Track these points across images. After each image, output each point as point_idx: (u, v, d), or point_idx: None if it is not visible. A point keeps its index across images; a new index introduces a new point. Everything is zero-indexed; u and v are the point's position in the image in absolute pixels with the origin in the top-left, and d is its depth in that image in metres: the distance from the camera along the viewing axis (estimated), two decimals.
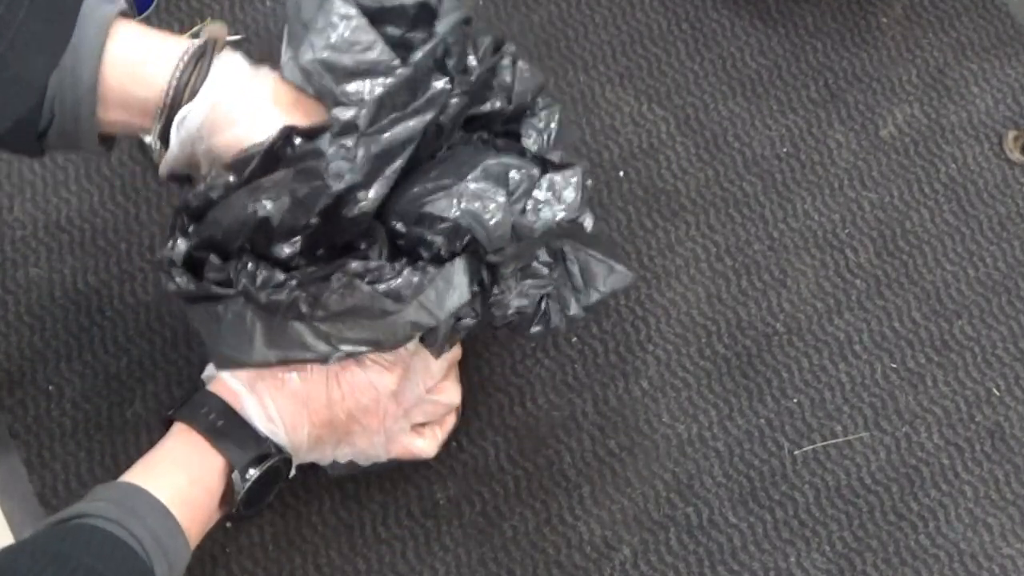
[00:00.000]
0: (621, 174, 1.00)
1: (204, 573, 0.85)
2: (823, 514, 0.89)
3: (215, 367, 0.79)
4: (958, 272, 0.97)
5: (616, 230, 0.97)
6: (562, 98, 1.01)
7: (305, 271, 0.74)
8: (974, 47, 1.05)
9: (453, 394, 0.85)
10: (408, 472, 0.88)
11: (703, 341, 0.94)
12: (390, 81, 0.74)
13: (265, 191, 0.72)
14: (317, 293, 0.73)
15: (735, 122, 1.02)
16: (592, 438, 0.91)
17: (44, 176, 0.98)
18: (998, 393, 0.93)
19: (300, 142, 0.74)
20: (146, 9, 1.03)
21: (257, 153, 0.73)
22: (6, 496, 0.88)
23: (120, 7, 0.75)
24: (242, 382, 0.78)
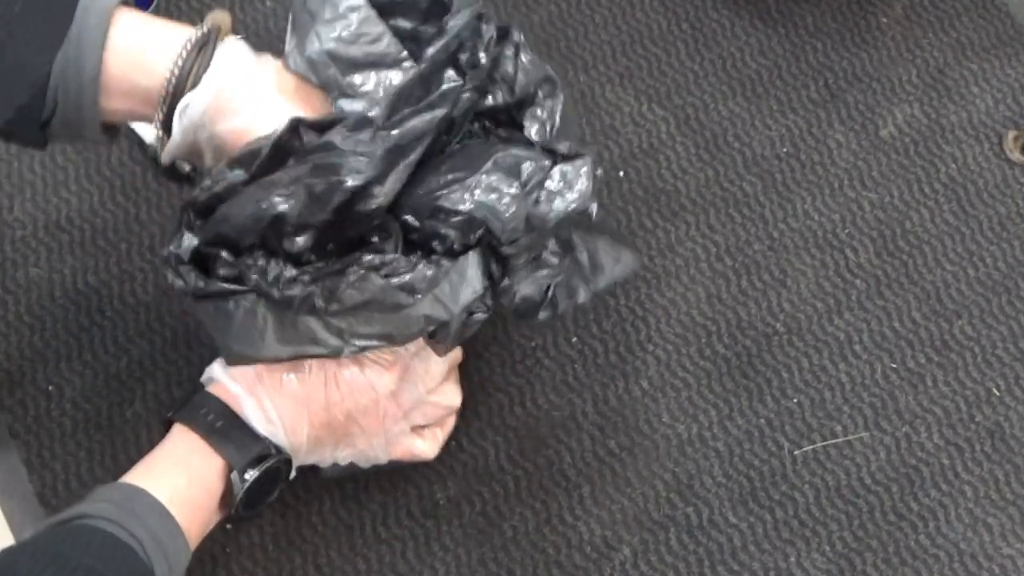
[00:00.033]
0: (621, 174, 0.99)
1: (204, 573, 0.85)
2: (823, 514, 0.89)
3: (224, 362, 0.79)
4: (958, 272, 0.97)
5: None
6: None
7: (317, 266, 0.74)
8: (974, 47, 1.05)
9: (453, 396, 0.85)
10: (408, 472, 0.88)
11: (703, 341, 0.94)
12: (406, 76, 0.74)
13: (280, 187, 0.72)
14: (332, 287, 0.73)
15: (735, 122, 1.02)
16: (592, 438, 0.91)
17: (44, 176, 0.98)
18: (998, 393, 0.93)
19: (310, 135, 0.73)
20: (146, 10, 1.03)
21: (264, 146, 0.73)
22: (6, 496, 0.88)
23: None
24: (241, 384, 0.78)
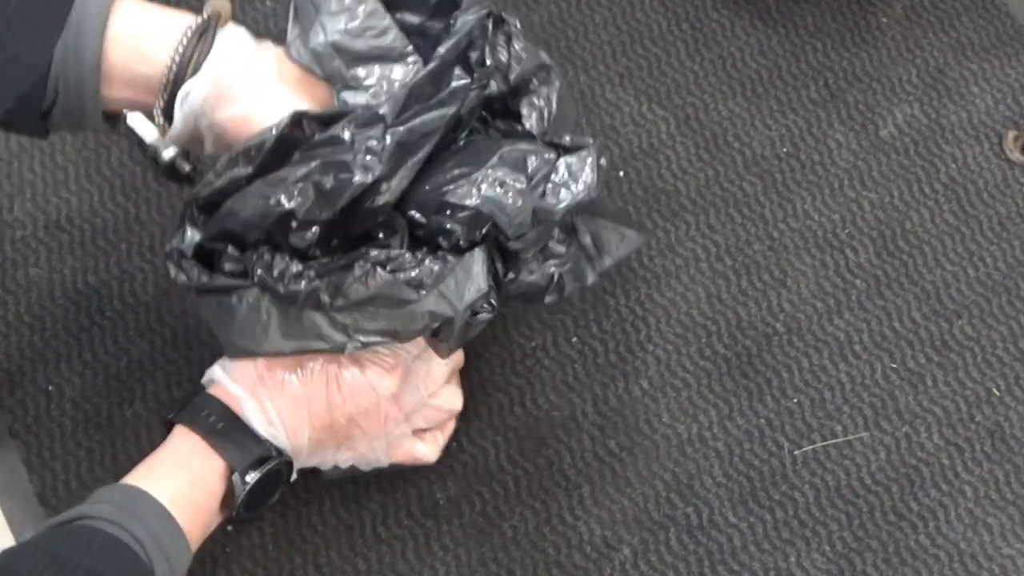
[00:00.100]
0: (621, 174, 0.99)
1: (204, 573, 0.85)
2: (823, 514, 0.89)
3: (225, 364, 0.79)
4: (958, 272, 0.97)
5: None
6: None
7: (322, 261, 0.74)
8: (974, 47, 1.05)
9: (455, 400, 0.85)
10: (408, 472, 0.88)
11: (703, 341, 0.94)
12: (414, 72, 0.74)
13: (289, 184, 0.71)
14: (338, 282, 0.73)
15: (735, 122, 1.02)
16: (592, 438, 0.91)
17: (44, 176, 0.98)
18: (998, 393, 0.93)
19: (314, 128, 0.73)
20: None
21: (268, 139, 0.72)
22: (6, 496, 0.88)
23: None
24: (242, 386, 0.78)
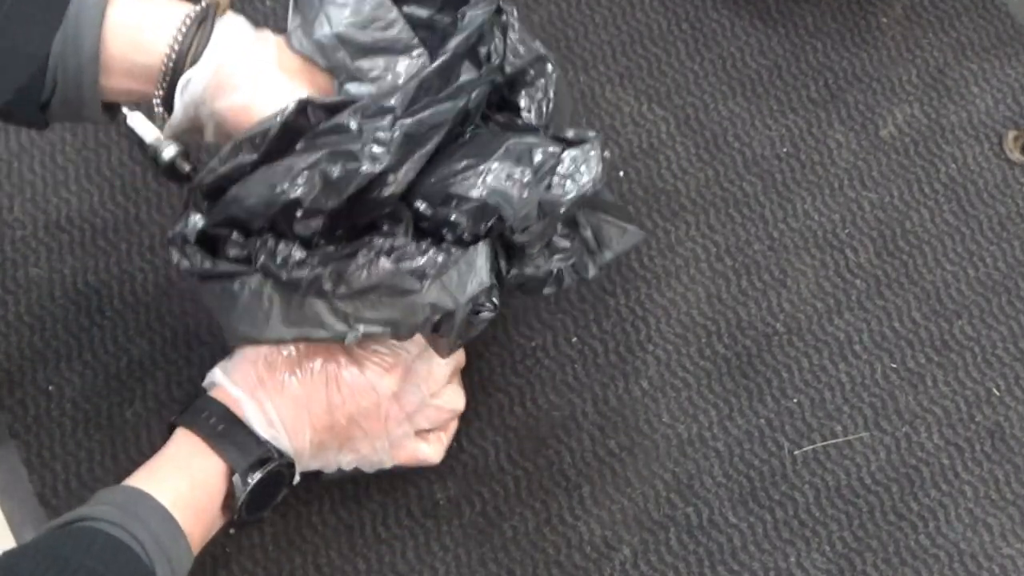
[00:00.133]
0: (621, 174, 0.99)
1: (204, 573, 0.85)
2: (823, 514, 0.89)
3: (228, 343, 0.79)
4: (958, 272, 0.97)
5: None
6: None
7: (326, 249, 0.74)
8: (974, 47, 1.05)
9: (457, 400, 0.85)
10: (408, 472, 0.88)
11: (703, 341, 0.94)
12: (421, 65, 0.74)
13: (296, 171, 0.71)
14: (341, 269, 0.73)
15: (735, 122, 1.02)
16: (592, 438, 0.91)
17: (44, 176, 0.98)
18: (998, 393, 0.93)
19: (319, 116, 0.73)
20: None
21: (273, 126, 0.72)
22: (6, 496, 0.88)
23: None
24: (242, 388, 0.78)
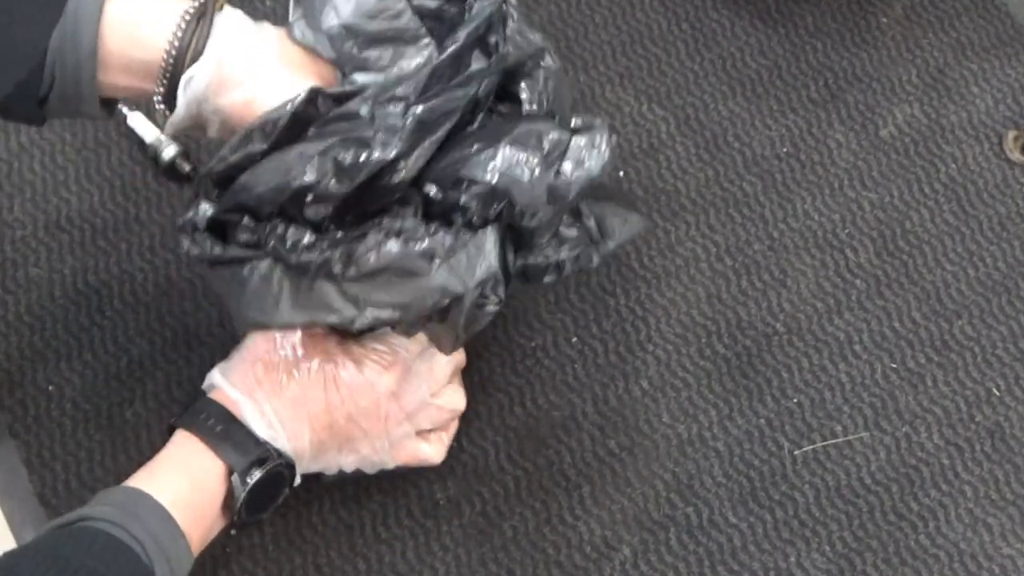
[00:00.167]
0: (621, 174, 0.99)
1: (204, 573, 0.85)
2: (823, 514, 0.89)
3: (237, 329, 0.79)
4: (958, 272, 0.97)
5: None
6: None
7: (336, 234, 0.74)
8: (974, 47, 1.05)
9: (458, 400, 0.85)
10: (408, 472, 0.88)
11: (703, 341, 0.94)
12: (432, 55, 0.74)
13: (307, 158, 0.72)
14: (350, 251, 0.73)
15: (735, 122, 1.02)
16: (592, 438, 0.91)
17: (44, 176, 0.98)
18: (998, 393, 0.93)
19: (328, 105, 0.73)
20: None
21: (283, 116, 0.72)
22: (6, 496, 0.88)
23: None
24: (240, 389, 0.78)
